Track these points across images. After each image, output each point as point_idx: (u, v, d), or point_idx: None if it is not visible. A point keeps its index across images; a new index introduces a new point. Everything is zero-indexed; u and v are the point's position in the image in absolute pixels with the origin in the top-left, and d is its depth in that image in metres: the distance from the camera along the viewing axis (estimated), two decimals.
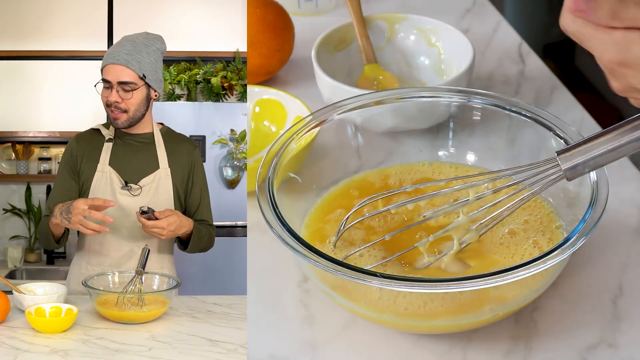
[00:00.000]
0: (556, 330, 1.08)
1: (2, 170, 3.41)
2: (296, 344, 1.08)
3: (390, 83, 1.52)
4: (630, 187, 1.33)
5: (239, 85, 3.38)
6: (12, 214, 3.39)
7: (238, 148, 3.20)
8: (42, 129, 3.37)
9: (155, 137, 1.82)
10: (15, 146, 3.38)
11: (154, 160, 1.80)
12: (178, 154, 1.83)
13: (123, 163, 1.78)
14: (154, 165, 1.79)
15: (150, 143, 1.82)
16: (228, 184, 3.20)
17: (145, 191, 1.76)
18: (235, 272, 3.14)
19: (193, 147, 1.87)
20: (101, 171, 1.76)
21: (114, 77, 1.72)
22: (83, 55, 3.31)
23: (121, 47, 1.74)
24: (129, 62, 1.71)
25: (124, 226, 1.76)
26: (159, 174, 1.79)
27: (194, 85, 3.38)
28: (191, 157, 1.85)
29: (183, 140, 1.88)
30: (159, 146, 1.81)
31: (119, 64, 1.71)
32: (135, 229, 1.75)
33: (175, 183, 1.80)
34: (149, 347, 1.33)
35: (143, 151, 1.81)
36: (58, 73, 3.37)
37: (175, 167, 1.81)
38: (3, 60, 3.35)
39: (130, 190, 1.76)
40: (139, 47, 1.74)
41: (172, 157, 1.82)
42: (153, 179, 1.78)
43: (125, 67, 1.71)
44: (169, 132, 1.88)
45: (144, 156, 1.80)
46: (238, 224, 3.21)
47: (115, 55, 1.73)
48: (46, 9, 3.38)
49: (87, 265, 1.78)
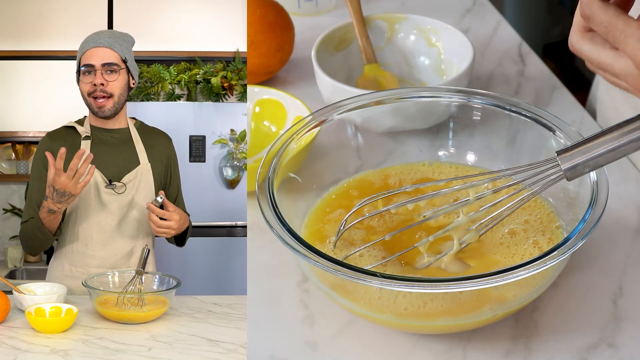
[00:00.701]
0: (556, 330, 1.08)
1: (2, 170, 3.41)
2: (296, 344, 1.08)
3: (390, 83, 1.52)
4: (630, 187, 1.33)
5: (239, 85, 3.38)
6: (12, 214, 3.39)
7: (238, 148, 3.20)
8: (42, 129, 3.36)
9: (132, 132, 1.82)
10: (15, 146, 3.38)
11: (134, 156, 1.80)
12: (156, 148, 1.84)
13: (104, 161, 1.75)
14: (134, 161, 1.79)
15: (127, 139, 1.81)
16: (228, 184, 3.20)
17: (129, 188, 1.75)
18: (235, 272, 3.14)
19: (168, 141, 1.89)
20: None
21: (99, 59, 1.71)
22: None
23: (100, 33, 1.76)
24: (112, 45, 1.73)
25: (109, 224, 1.75)
26: (141, 170, 1.78)
27: (194, 85, 3.39)
28: (167, 151, 1.87)
29: (158, 134, 1.89)
30: (137, 141, 1.81)
31: (102, 47, 1.72)
32: (121, 226, 1.75)
33: (155, 177, 1.80)
34: (149, 347, 1.33)
35: (121, 147, 1.80)
36: (58, 73, 3.37)
37: (155, 161, 1.82)
38: (3, 60, 3.35)
39: (114, 189, 1.75)
40: (116, 35, 1.77)
41: (151, 152, 1.82)
42: (135, 175, 1.77)
43: (109, 49, 1.72)
44: (143, 127, 1.88)
45: (123, 152, 1.79)
46: (238, 224, 3.21)
47: (97, 39, 1.73)
48: (46, 9, 3.38)
49: (71, 267, 1.76)
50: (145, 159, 1.80)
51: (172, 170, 1.87)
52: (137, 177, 1.77)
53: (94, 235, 1.74)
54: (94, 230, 1.74)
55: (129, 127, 1.82)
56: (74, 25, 3.37)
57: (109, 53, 1.73)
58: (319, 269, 0.98)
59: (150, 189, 1.79)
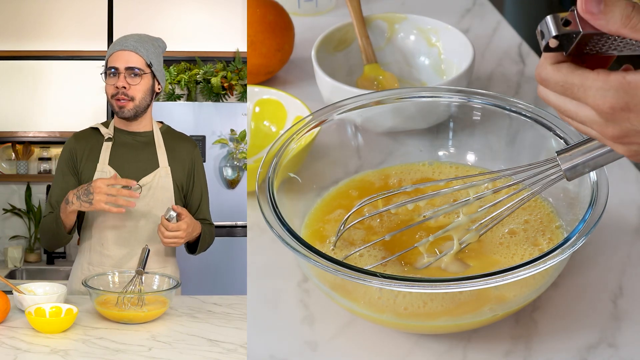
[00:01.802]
0: (556, 330, 1.08)
1: (2, 170, 3.41)
2: (296, 344, 1.08)
3: (390, 83, 1.52)
4: (630, 187, 1.33)
5: (239, 85, 3.38)
6: (12, 214, 3.39)
7: (238, 148, 3.20)
8: (42, 129, 3.37)
9: (155, 135, 1.82)
10: (15, 146, 3.38)
11: (154, 158, 1.80)
12: (178, 152, 1.84)
13: (123, 162, 1.78)
14: (153, 164, 1.79)
15: (149, 142, 1.82)
16: (228, 184, 3.20)
17: (146, 190, 1.76)
18: (235, 272, 3.14)
19: (193, 146, 1.88)
20: (101, 171, 1.76)
21: (122, 62, 1.73)
22: (83, 55, 3.31)
23: (128, 37, 1.77)
24: (137, 49, 1.74)
25: (124, 225, 1.76)
26: (159, 173, 1.79)
27: (194, 85, 3.39)
28: (191, 156, 1.86)
29: (183, 138, 1.88)
30: (159, 145, 1.81)
31: (127, 50, 1.73)
32: (137, 228, 1.75)
33: (175, 181, 1.80)
34: (149, 347, 1.33)
35: (142, 150, 1.81)
36: (58, 73, 3.37)
37: (175, 165, 1.81)
38: (3, 60, 3.35)
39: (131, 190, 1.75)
40: (144, 39, 1.78)
41: (172, 155, 1.82)
42: (153, 178, 1.77)
43: (134, 53, 1.74)
44: (169, 131, 1.88)
45: (143, 155, 1.80)
46: (238, 224, 3.21)
47: (123, 43, 1.75)
48: (46, 9, 3.38)
49: (89, 266, 1.78)
50: (165, 162, 1.80)
51: (195, 176, 1.86)
52: (154, 180, 1.78)
53: (109, 235, 1.75)
54: (110, 230, 1.75)
55: (153, 131, 1.83)
56: (74, 25, 3.37)
57: (133, 57, 1.74)
58: (319, 269, 0.98)
59: (169, 192, 1.79)
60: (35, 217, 3.32)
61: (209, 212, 1.90)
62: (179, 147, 1.85)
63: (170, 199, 1.79)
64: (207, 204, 1.89)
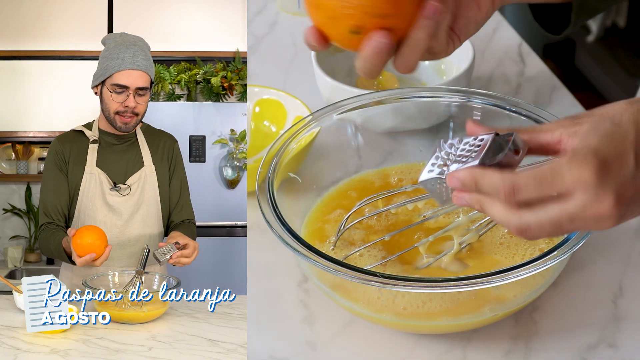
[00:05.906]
0: (556, 330, 1.08)
1: (2, 170, 3.41)
2: (296, 344, 1.08)
3: (390, 83, 1.51)
4: None
5: (239, 85, 3.38)
6: (12, 214, 3.39)
7: (238, 148, 3.20)
8: (42, 129, 3.37)
9: (138, 135, 1.85)
10: (15, 146, 3.39)
11: (139, 158, 1.82)
12: (160, 148, 1.86)
13: (109, 164, 1.79)
14: (139, 163, 1.81)
15: (133, 141, 1.83)
16: (228, 184, 3.20)
17: (133, 190, 1.78)
18: (235, 272, 3.14)
19: (173, 142, 1.91)
20: (89, 173, 1.77)
21: (133, 82, 1.72)
22: (83, 55, 3.31)
23: (136, 53, 1.74)
24: (148, 69, 1.74)
25: (115, 225, 1.76)
26: (145, 172, 1.81)
27: (194, 85, 3.39)
28: (172, 151, 1.88)
29: (163, 135, 1.91)
30: (142, 144, 1.84)
31: (139, 70, 1.72)
32: (127, 227, 1.77)
33: (159, 179, 1.82)
34: (149, 347, 1.33)
35: (127, 150, 1.83)
36: (58, 73, 3.37)
37: (158, 163, 1.84)
38: (3, 60, 3.35)
39: (119, 191, 1.77)
40: (146, 53, 1.77)
41: (156, 153, 1.84)
42: (139, 177, 1.80)
43: (144, 73, 1.74)
44: (149, 129, 1.90)
45: (128, 155, 1.82)
46: (238, 224, 3.21)
47: (134, 61, 1.72)
48: (46, 9, 3.38)
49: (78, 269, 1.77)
50: (149, 161, 1.82)
51: (175, 169, 1.88)
52: (141, 179, 1.79)
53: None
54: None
55: (135, 130, 1.84)
56: (74, 25, 3.37)
57: (144, 77, 1.74)
58: (319, 269, 0.98)
59: (154, 190, 1.81)
60: (35, 217, 3.33)
61: (190, 208, 1.91)
62: (160, 144, 1.87)
63: (156, 196, 1.82)
64: (187, 199, 1.90)
